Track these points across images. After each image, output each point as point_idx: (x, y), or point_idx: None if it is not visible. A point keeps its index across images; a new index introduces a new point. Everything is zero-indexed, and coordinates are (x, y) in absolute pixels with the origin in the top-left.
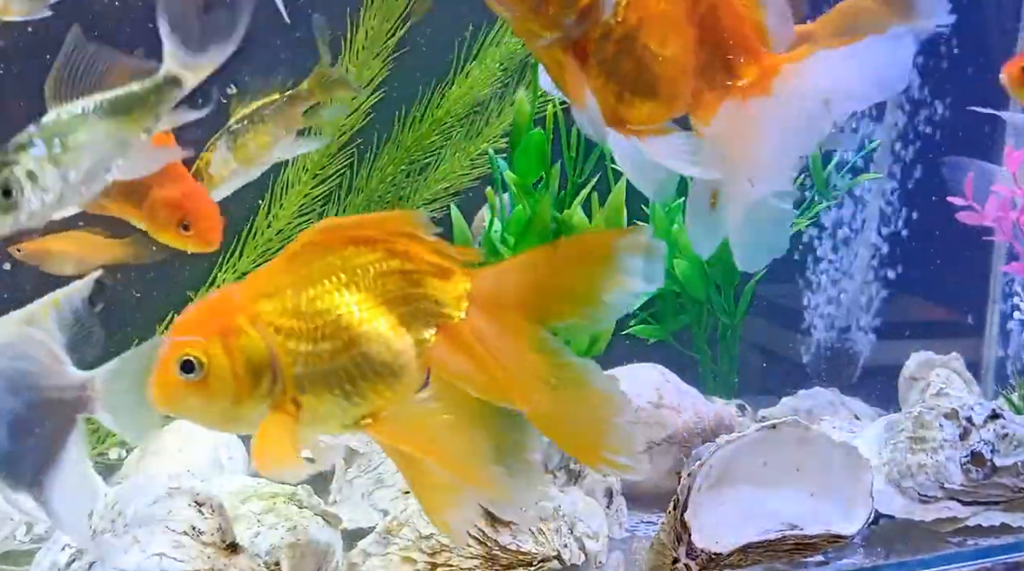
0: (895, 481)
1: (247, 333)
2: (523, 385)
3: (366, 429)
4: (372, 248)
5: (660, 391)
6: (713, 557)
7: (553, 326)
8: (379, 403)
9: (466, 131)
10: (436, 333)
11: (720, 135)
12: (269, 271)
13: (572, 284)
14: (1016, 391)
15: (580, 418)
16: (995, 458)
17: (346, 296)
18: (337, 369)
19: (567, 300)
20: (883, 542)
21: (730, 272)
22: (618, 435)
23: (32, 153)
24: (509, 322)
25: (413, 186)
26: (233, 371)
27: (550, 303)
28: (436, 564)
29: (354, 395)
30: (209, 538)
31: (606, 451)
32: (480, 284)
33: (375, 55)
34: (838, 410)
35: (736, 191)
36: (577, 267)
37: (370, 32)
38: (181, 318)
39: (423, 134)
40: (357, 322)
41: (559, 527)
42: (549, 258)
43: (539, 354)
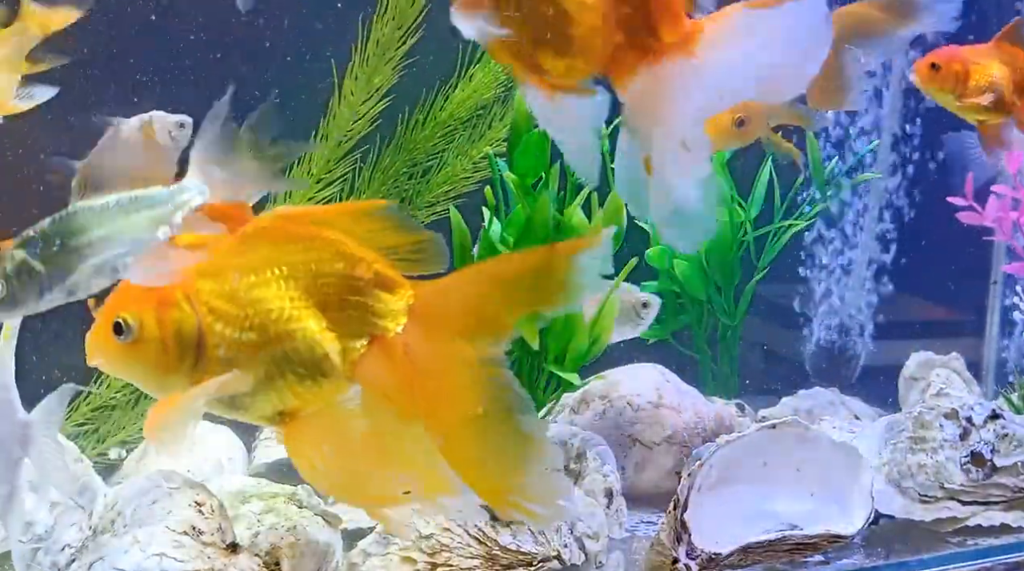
0: (895, 481)
1: (181, 308)
2: (446, 411)
3: (282, 427)
4: (320, 247)
5: (660, 391)
6: (713, 557)
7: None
8: (298, 403)
9: (469, 134)
10: (368, 344)
11: (640, 98)
12: (219, 251)
13: (526, 297)
14: (1016, 391)
15: (498, 456)
16: (995, 458)
17: (281, 290)
18: (258, 360)
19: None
20: (883, 542)
21: (730, 272)
22: (537, 482)
23: (29, 251)
24: (450, 341)
25: (415, 189)
26: (162, 341)
27: (501, 316)
28: (436, 564)
29: (272, 389)
30: (209, 538)
31: (518, 496)
32: (424, 300)
33: (386, 62)
34: (838, 410)
35: (660, 160)
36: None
37: (381, 40)
38: (126, 283)
39: (426, 137)
40: (286, 318)
41: (559, 527)
42: (499, 272)
43: (476, 379)
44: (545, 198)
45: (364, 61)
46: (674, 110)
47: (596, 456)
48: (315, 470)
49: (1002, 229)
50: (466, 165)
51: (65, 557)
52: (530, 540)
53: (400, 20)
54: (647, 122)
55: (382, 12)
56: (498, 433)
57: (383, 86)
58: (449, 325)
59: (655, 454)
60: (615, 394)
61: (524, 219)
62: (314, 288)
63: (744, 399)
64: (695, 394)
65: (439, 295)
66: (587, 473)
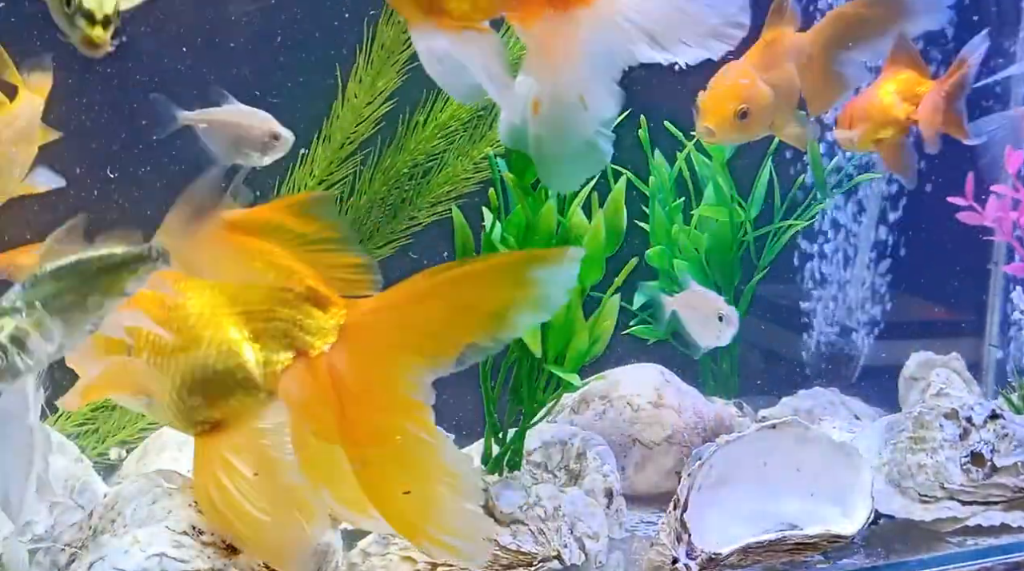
0: (895, 481)
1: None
2: (364, 437)
3: (201, 436)
4: (254, 257)
5: (660, 391)
6: (713, 557)
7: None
8: (217, 413)
9: (470, 135)
10: (293, 359)
11: (541, 43)
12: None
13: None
14: (1016, 391)
15: (417, 489)
16: (995, 458)
17: (205, 297)
18: (173, 364)
19: (466, 330)
20: (883, 542)
21: (730, 272)
22: (459, 518)
23: (15, 318)
24: (380, 365)
25: (416, 189)
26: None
27: (445, 342)
28: (436, 564)
29: (185, 395)
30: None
31: (438, 531)
32: (357, 320)
33: (391, 64)
34: (838, 410)
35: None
36: (486, 295)
37: (386, 43)
38: None
39: (427, 137)
40: (203, 324)
41: (559, 527)
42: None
43: (401, 407)
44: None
45: (368, 63)
46: (574, 59)
47: (596, 456)
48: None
49: (1002, 229)
50: (467, 166)
51: (65, 557)
52: (530, 540)
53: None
54: (545, 68)
55: (387, 15)
56: (418, 465)
57: (387, 89)
58: (382, 348)
59: (655, 454)
60: (615, 394)
61: (524, 219)
62: (239, 297)
63: (744, 399)
64: (695, 394)
65: (375, 316)
66: (587, 473)
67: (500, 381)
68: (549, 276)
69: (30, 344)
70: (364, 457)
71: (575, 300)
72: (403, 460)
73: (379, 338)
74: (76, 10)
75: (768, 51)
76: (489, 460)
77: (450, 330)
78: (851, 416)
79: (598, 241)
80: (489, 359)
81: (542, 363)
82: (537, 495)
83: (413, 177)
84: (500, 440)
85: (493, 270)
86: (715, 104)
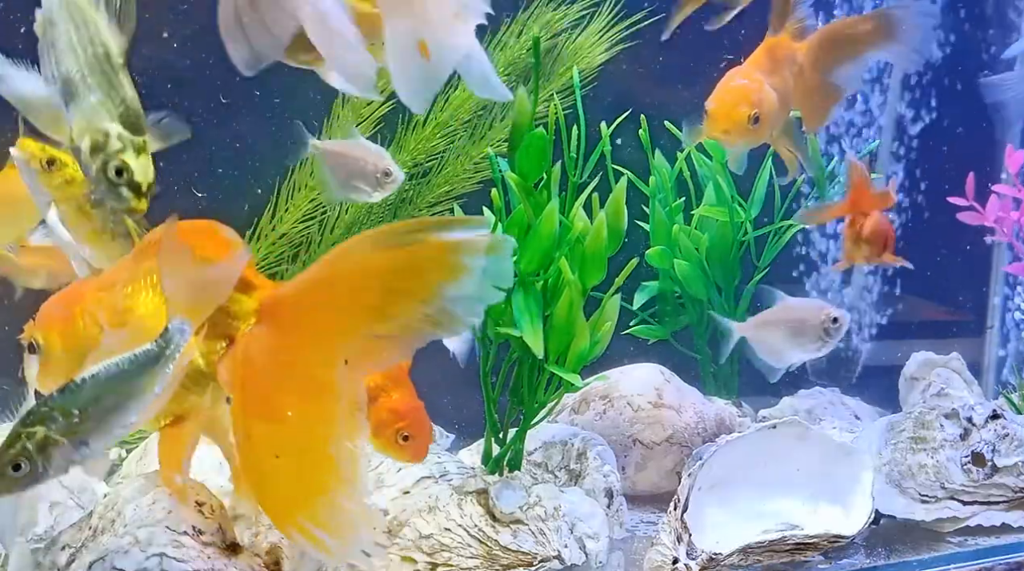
0: (896, 481)
1: (77, 323)
2: (260, 409)
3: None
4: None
5: (660, 391)
6: (713, 557)
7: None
8: (175, 407)
9: (470, 135)
10: (227, 345)
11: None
12: (119, 264)
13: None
14: (1016, 391)
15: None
16: (996, 458)
17: (150, 297)
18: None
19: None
20: (884, 542)
21: (730, 272)
22: (334, 512)
23: (49, 427)
24: (288, 342)
25: (416, 189)
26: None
27: (371, 311)
28: (436, 564)
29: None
30: (209, 538)
31: (306, 519)
32: (273, 301)
33: None
34: (838, 410)
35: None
36: (411, 281)
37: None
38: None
39: (427, 137)
40: (154, 324)
41: (559, 527)
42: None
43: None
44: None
45: None
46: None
47: (596, 456)
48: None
49: (1003, 229)
50: (466, 165)
51: (65, 557)
52: (530, 540)
53: None
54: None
55: None
56: (305, 450)
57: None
58: (291, 328)
59: (655, 454)
60: (615, 394)
61: (526, 219)
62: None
63: (744, 399)
64: (695, 394)
65: (293, 295)
66: (587, 473)
67: (501, 381)
68: (481, 264)
69: (58, 454)
70: (249, 429)
71: (576, 300)
72: (288, 441)
73: (292, 319)
74: (125, 183)
75: (770, 57)
76: (489, 460)
77: (374, 313)
78: (851, 416)
79: (599, 241)
80: (490, 359)
81: (543, 363)
82: (537, 495)
83: (413, 177)
84: (500, 440)
85: (418, 256)
86: (726, 109)
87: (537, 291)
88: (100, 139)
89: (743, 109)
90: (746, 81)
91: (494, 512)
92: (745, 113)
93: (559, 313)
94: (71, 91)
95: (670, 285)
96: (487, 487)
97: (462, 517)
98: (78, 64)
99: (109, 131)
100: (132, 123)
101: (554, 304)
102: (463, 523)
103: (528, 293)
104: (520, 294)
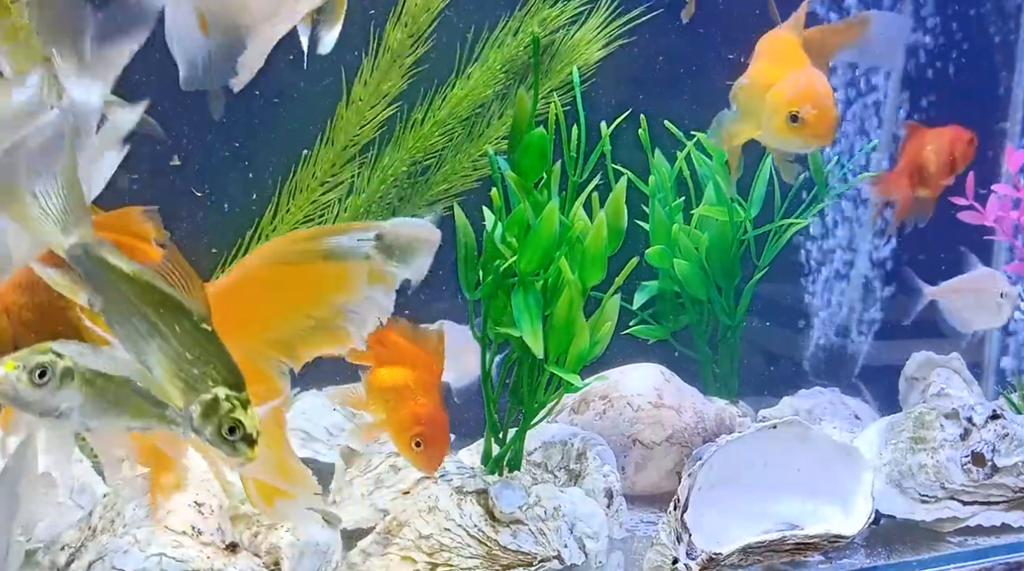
0: (896, 481)
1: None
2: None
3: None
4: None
5: (660, 391)
6: (713, 557)
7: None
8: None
9: (468, 132)
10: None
11: None
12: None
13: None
14: (1016, 391)
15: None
16: (996, 458)
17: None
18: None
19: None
20: (884, 542)
21: (730, 272)
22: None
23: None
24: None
25: (414, 187)
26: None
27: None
28: (436, 564)
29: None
30: (209, 538)
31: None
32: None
33: (396, 67)
34: (838, 410)
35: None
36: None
37: (394, 46)
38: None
39: (425, 135)
40: (83, 326)
41: (559, 527)
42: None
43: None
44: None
45: (374, 66)
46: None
47: (596, 456)
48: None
49: (1002, 229)
50: (465, 163)
51: (65, 557)
52: (530, 540)
53: (413, 27)
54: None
55: (395, 19)
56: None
57: (392, 92)
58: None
59: (655, 454)
60: (615, 394)
61: (526, 219)
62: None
63: (744, 399)
64: (695, 394)
65: (219, 295)
66: (587, 473)
67: (501, 381)
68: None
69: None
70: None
71: (576, 300)
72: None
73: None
74: (240, 438)
75: (812, 50)
76: (489, 460)
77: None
78: (851, 416)
79: (599, 241)
80: (489, 359)
81: (543, 363)
82: (537, 495)
83: (411, 175)
84: (500, 440)
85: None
86: (826, 114)
87: (537, 291)
88: (212, 403)
89: (836, 113)
90: (824, 79)
91: (494, 512)
92: (837, 117)
93: (559, 313)
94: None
95: (670, 285)
96: (487, 487)
97: (462, 517)
98: (176, 347)
99: (218, 395)
100: (236, 382)
101: (554, 304)
102: (463, 523)
103: (528, 293)
104: (520, 294)
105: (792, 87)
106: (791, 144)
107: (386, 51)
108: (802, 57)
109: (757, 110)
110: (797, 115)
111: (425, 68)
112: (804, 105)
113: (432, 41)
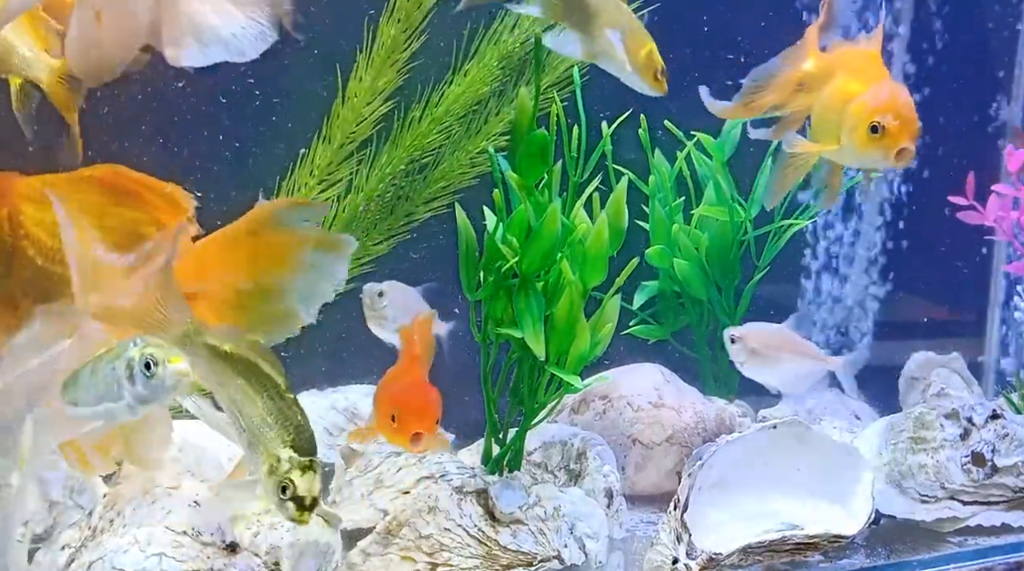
0: (896, 481)
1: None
2: None
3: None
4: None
5: (660, 391)
6: (713, 557)
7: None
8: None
9: (465, 129)
10: None
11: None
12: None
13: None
14: (1016, 391)
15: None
16: (996, 458)
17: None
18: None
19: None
20: (884, 542)
21: (730, 272)
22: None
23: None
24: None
25: (412, 185)
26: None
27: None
28: (436, 564)
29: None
30: (209, 538)
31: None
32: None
33: (391, 64)
34: (838, 410)
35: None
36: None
37: (387, 42)
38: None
39: (422, 133)
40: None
41: (559, 527)
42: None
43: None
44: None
45: (369, 63)
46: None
47: (596, 456)
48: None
49: (1002, 229)
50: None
51: (65, 557)
52: (530, 540)
53: (406, 23)
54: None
55: (388, 15)
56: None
57: (387, 88)
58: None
59: (655, 454)
60: (615, 394)
61: (527, 219)
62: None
63: (744, 399)
64: (695, 394)
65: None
66: (587, 473)
67: (501, 381)
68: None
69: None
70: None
71: (577, 301)
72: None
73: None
74: (290, 498)
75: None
76: (489, 460)
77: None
78: (851, 416)
79: (601, 242)
80: (490, 359)
81: (543, 364)
82: (537, 495)
83: (409, 173)
84: (500, 440)
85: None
86: (911, 125)
87: (538, 291)
88: (274, 463)
89: (918, 124)
90: (906, 90)
91: (494, 512)
92: (919, 129)
93: (560, 314)
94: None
95: (670, 285)
96: (487, 487)
97: (462, 517)
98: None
99: (280, 456)
100: (303, 446)
101: (555, 305)
102: (463, 523)
103: (529, 294)
104: (521, 295)
105: (874, 98)
106: (870, 158)
107: (380, 47)
108: (882, 71)
109: (835, 125)
110: (878, 126)
111: (422, 65)
112: (886, 115)
113: (428, 38)
